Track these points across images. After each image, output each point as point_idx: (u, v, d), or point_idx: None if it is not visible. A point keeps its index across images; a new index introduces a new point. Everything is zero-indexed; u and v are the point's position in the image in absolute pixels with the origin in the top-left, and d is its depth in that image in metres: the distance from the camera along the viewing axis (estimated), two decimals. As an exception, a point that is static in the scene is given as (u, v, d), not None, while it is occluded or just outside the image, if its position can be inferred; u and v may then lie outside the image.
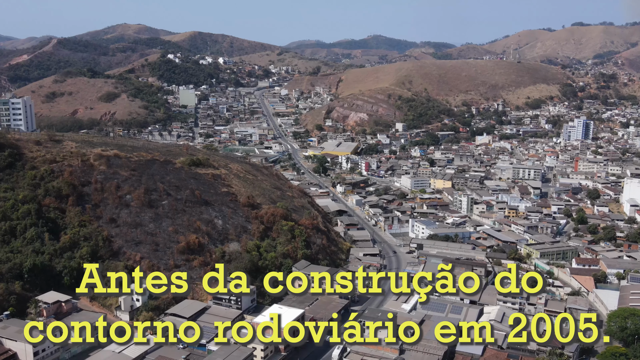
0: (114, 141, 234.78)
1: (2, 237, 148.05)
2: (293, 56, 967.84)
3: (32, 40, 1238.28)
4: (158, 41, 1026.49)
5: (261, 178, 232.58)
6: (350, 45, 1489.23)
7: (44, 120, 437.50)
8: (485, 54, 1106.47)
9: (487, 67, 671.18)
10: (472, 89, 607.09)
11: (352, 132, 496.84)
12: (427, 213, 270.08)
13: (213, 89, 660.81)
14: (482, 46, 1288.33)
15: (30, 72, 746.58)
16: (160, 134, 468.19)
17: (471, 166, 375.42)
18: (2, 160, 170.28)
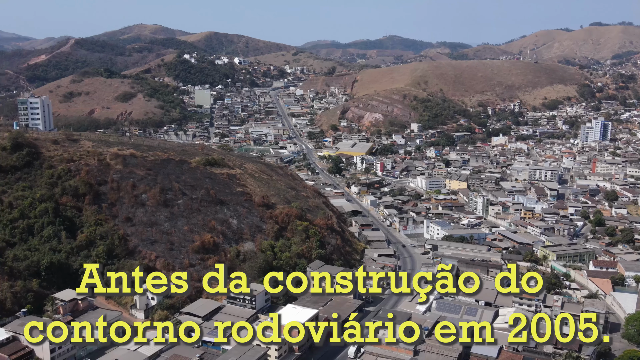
0: (130, 141, 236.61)
1: (20, 235, 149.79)
2: (308, 56, 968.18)
3: (50, 41, 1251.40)
4: (174, 41, 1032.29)
5: (276, 178, 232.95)
6: (365, 46, 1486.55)
7: (61, 120, 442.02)
8: (502, 54, 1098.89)
9: (503, 68, 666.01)
10: (488, 89, 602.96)
11: (367, 133, 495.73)
12: (442, 214, 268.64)
13: (228, 89, 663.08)
14: (498, 46, 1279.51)
15: (48, 72, 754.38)
16: (175, 133, 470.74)
17: (487, 167, 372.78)
18: (21, 159, 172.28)
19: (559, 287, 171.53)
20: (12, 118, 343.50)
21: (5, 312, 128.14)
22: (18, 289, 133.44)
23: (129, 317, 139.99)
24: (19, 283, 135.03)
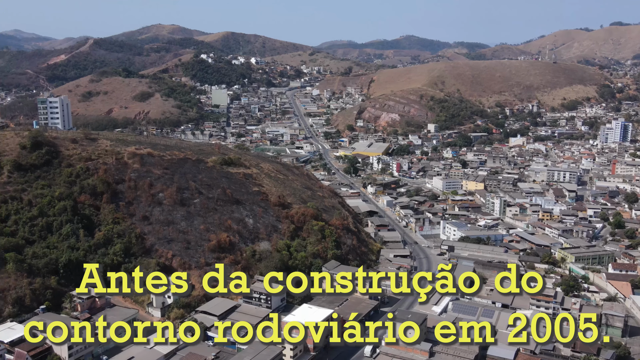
0: (148, 140, 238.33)
1: (39, 233, 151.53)
2: (325, 56, 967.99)
3: (69, 41, 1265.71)
4: (191, 41, 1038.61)
5: (292, 178, 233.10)
6: (382, 46, 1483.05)
7: (80, 119, 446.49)
8: (520, 54, 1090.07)
9: (521, 68, 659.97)
10: (506, 89, 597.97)
11: (384, 133, 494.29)
12: (459, 215, 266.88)
13: (245, 88, 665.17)
14: (516, 46, 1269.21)
15: (67, 71, 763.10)
16: (192, 133, 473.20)
17: (504, 168, 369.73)
18: (40, 158, 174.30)
19: (578, 289, 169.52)
20: (32, 117, 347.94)
21: (25, 309, 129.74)
22: (37, 286, 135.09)
23: (146, 315, 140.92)
24: (38, 280, 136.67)
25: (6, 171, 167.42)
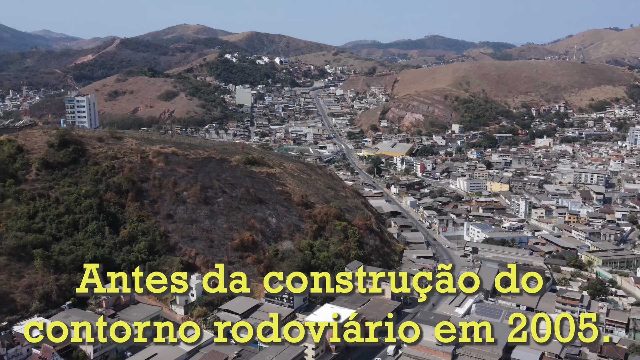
0: (172, 139, 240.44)
1: (65, 230, 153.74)
2: (349, 56, 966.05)
3: (96, 41, 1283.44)
4: (216, 41, 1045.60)
5: (315, 177, 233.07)
6: (406, 46, 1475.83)
7: (106, 118, 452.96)
8: (547, 54, 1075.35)
9: (548, 68, 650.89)
10: (532, 90, 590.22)
11: (407, 133, 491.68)
12: (483, 216, 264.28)
13: (269, 88, 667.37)
14: (543, 46, 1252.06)
15: (94, 71, 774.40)
16: (216, 132, 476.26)
17: (530, 169, 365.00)
18: (67, 156, 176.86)
19: (605, 293, 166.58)
20: (60, 116, 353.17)
21: (51, 304, 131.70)
22: (63, 282, 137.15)
23: (169, 312, 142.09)
24: (64, 276, 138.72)
25: (34, 169, 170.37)
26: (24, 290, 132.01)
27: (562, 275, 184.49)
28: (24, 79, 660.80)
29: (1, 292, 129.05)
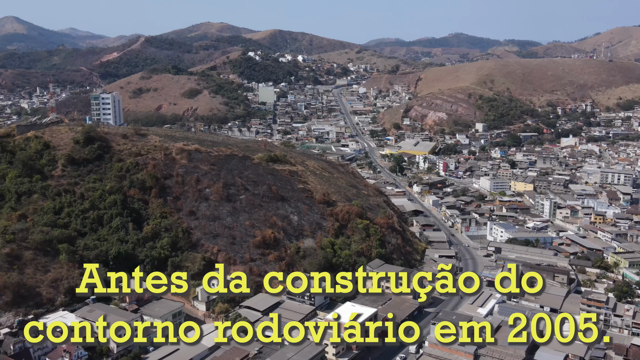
0: (195, 136, 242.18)
1: (90, 225, 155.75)
2: (372, 54, 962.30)
3: (121, 39, 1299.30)
4: (239, 39, 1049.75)
5: (337, 176, 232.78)
6: (430, 44, 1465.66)
7: (130, 115, 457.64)
8: (574, 52, 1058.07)
9: (575, 66, 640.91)
10: (558, 88, 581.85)
11: (431, 132, 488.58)
12: (507, 216, 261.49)
13: (292, 86, 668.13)
14: (570, 44, 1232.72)
15: (119, 68, 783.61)
16: (239, 129, 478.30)
17: (555, 169, 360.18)
18: (92, 153, 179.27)
19: (631, 295, 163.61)
20: (85, 113, 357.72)
21: (76, 299, 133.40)
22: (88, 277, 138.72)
23: (191, 308, 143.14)
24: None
25: (60, 165, 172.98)
26: (49, 285, 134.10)
27: (587, 276, 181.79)
28: (50, 77, 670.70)
29: (28, 285, 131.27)
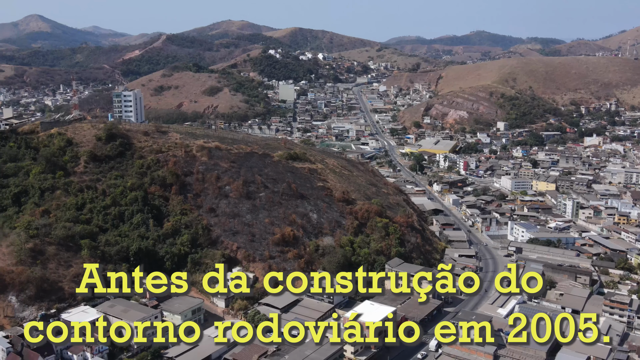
0: (216, 134, 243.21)
1: (111, 222, 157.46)
2: (392, 52, 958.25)
3: (143, 37, 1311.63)
4: (260, 37, 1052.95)
5: (357, 174, 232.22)
6: (451, 42, 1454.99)
7: (152, 112, 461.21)
8: (598, 50, 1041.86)
9: (599, 64, 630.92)
10: (581, 87, 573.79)
11: (451, 130, 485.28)
12: (528, 216, 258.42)
13: (312, 84, 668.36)
14: (594, 42, 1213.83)
15: (141, 66, 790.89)
16: (259, 127, 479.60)
17: (578, 169, 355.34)
18: (114, 149, 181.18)
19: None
20: (108, 110, 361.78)
21: (97, 294, 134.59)
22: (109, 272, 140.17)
23: (210, 305, 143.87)
24: (110, 267, 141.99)
25: (83, 161, 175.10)
26: (71, 279, 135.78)
27: (610, 278, 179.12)
28: (74, 74, 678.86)
29: (50, 280, 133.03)
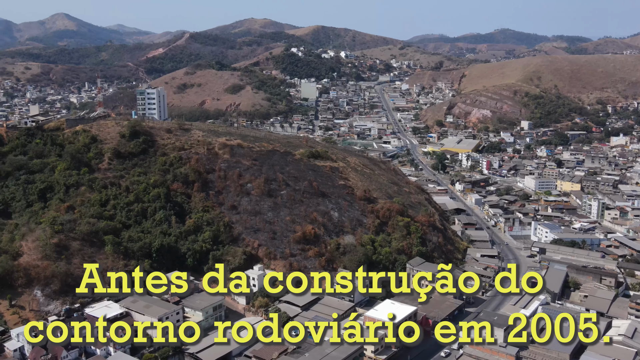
0: (238, 131, 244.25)
1: (134, 218, 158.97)
2: (415, 50, 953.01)
3: (167, 35, 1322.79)
4: (282, 35, 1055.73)
5: (378, 172, 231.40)
6: (475, 40, 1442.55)
7: (174, 110, 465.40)
8: (626, 48, 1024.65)
9: (627, 63, 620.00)
10: (608, 86, 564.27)
11: (474, 129, 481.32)
12: (552, 216, 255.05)
13: (334, 82, 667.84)
14: (622, 40, 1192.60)
15: (164, 64, 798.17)
16: (281, 125, 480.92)
17: (604, 169, 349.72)
18: (137, 147, 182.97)
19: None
20: (131, 107, 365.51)
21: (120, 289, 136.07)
22: (132, 268, 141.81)
23: (231, 302, 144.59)
24: (133, 263, 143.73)
25: (107, 158, 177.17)
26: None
27: (636, 280, 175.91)
28: (98, 72, 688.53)
29: (75, 275, 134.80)
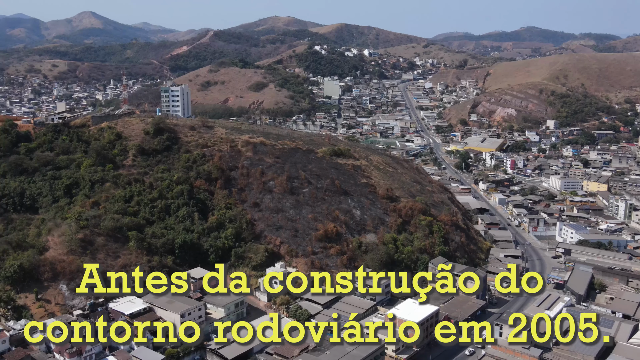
0: (261, 129, 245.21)
1: (158, 214, 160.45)
2: (439, 49, 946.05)
3: (191, 33, 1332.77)
4: (306, 33, 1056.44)
5: (401, 171, 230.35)
6: (500, 38, 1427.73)
7: (198, 107, 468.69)
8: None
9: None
10: (637, 84, 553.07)
11: (498, 128, 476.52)
12: (578, 217, 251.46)
13: (357, 80, 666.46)
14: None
15: (188, 62, 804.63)
16: (304, 123, 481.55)
17: (632, 169, 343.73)
18: (161, 143, 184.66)
19: None
20: (156, 105, 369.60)
21: (143, 285, 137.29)
22: (155, 264, 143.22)
23: (253, 299, 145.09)
24: (156, 259, 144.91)
25: (131, 155, 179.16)
26: (119, 270, 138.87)
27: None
28: (124, 69, 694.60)
29: (100, 270, 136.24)
